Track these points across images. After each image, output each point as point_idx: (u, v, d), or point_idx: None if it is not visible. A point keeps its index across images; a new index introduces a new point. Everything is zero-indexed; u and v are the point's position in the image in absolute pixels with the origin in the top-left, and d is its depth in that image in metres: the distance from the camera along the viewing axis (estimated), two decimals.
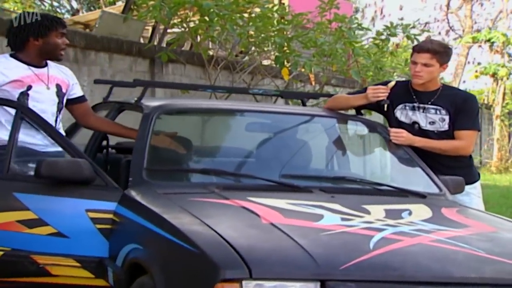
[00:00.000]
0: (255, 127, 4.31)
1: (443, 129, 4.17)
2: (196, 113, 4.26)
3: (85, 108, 4.10)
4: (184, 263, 2.68)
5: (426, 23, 25.69)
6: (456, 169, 4.11)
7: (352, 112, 4.51)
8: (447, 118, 4.15)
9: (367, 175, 4.17)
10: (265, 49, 8.18)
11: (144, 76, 8.16)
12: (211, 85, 6.79)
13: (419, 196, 3.69)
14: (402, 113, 4.23)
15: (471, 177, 4.27)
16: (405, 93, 4.24)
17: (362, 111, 4.50)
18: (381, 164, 4.28)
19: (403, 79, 7.40)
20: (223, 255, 2.55)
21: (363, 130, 4.36)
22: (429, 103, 4.18)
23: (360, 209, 3.23)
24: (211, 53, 8.40)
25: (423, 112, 4.19)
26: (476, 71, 18.99)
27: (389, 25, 8.23)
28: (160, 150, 3.77)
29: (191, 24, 7.59)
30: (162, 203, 3.20)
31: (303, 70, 8.02)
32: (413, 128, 4.19)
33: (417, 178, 3.96)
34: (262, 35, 7.62)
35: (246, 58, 8.71)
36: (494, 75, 18.19)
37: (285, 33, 7.73)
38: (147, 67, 8.23)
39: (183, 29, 7.69)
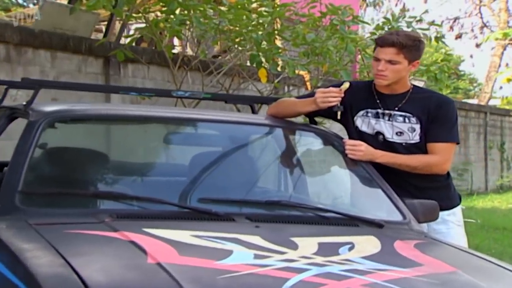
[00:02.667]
0: (176, 138, 3.99)
1: (413, 141, 3.84)
2: (101, 121, 3.90)
3: None
4: None
5: (456, 18, 25.43)
6: (430, 191, 3.81)
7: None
8: (418, 127, 3.82)
9: (314, 198, 3.82)
10: (247, 46, 7.83)
11: (97, 79, 7.85)
12: (121, 86, 6.40)
13: (375, 225, 3.36)
14: (364, 122, 3.90)
15: (449, 201, 3.94)
16: (367, 96, 3.91)
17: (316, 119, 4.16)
18: (333, 185, 3.93)
19: (419, 83, 7.01)
20: None
21: (314, 142, 4.02)
22: (396, 109, 3.85)
23: (286, 242, 2.91)
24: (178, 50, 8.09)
25: (388, 120, 3.85)
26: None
27: (390, 17, 7.91)
28: (44, 168, 3.42)
29: (159, 18, 7.27)
30: (26, 237, 2.84)
31: (286, 71, 7.67)
32: (377, 139, 3.86)
33: (377, 203, 3.66)
34: (244, 30, 7.29)
35: (227, 57, 8.39)
36: None
37: (274, 27, 7.42)
38: (100, 68, 7.90)
39: (148, 24, 7.37)
